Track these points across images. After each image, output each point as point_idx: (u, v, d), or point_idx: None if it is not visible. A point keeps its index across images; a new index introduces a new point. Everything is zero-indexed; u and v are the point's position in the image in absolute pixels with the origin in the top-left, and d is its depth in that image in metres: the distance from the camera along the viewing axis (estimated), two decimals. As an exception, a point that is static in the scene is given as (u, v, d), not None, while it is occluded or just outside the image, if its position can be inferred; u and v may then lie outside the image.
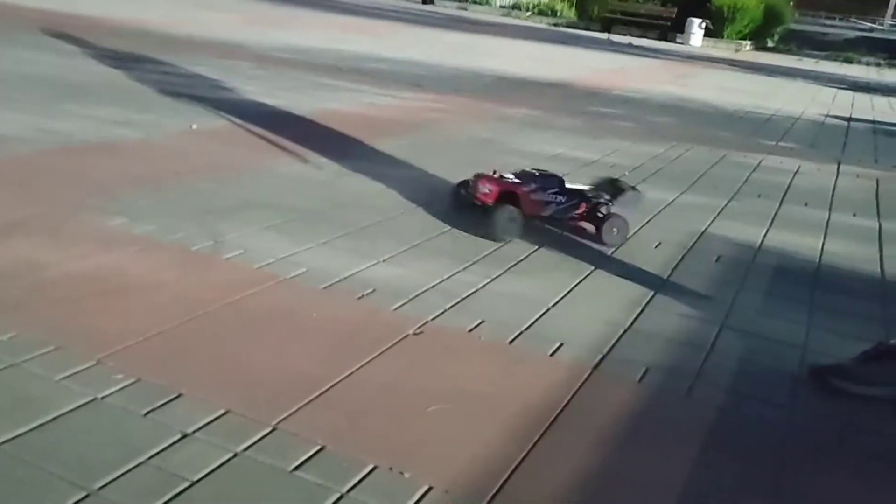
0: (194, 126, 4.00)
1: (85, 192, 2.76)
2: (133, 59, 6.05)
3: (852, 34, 32.90)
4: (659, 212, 3.53)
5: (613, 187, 3.16)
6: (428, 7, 22.79)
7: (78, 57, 5.69)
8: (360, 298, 2.20)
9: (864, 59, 20.07)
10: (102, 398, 1.55)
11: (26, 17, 7.81)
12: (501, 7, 23.99)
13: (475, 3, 24.36)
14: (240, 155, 3.58)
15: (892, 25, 44.65)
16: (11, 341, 1.69)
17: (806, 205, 4.03)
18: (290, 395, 1.65)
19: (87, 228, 2.44)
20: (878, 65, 19.27)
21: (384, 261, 2.51)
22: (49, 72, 4.93)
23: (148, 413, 1.52)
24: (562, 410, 1.73)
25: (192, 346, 1.81)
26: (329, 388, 1.71)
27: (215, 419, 1.53)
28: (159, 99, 4.61)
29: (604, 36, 18.63)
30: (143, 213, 2.63)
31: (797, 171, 4.91)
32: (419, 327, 2.06)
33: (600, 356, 2.02)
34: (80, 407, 1.51)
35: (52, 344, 1.70)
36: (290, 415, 1.58)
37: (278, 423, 1.55)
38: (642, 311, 2.37)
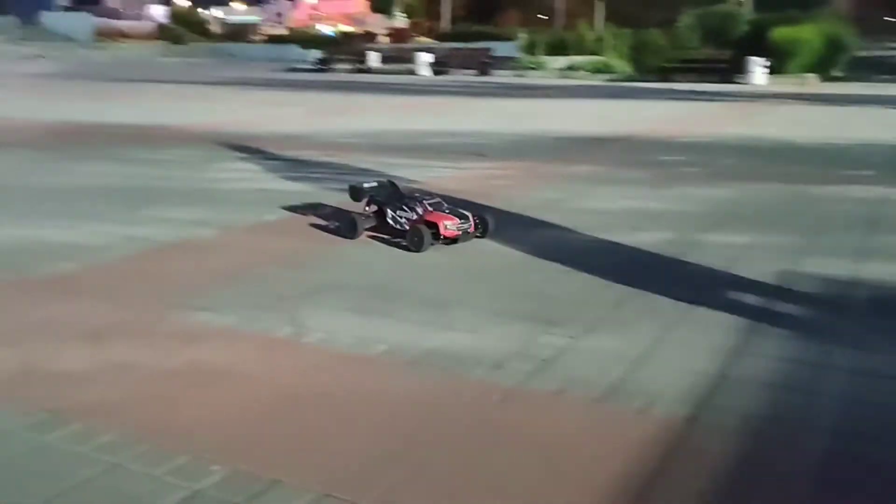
0: (266, 218, 4.13)
1: (170, 292, 2.86)
2: (205, 159, 6.34)
3: (920, 55, 31.95)
4: (739, 256, 3.43)
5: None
6: (484, 78, 23.27)
7: (156, 165, 5.99)
8: (442, 370, 2.19)
9: None
10: (201, 490, 1.57)
11: (108, 133, 8.29)
12: (557, 70, 24.30)
13: (530, 69, 24.77)
14: (311, 242, 3.66)
15: (961, 41, 43.13)
16: (112, 442, 1.74)
17: None
18: (383, 474, 1.64)
19: (175, 326, 2.52)
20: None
21: (464, 330, 2.50)
22: (131, 182, 5.19)
23: (248, 502, 1.53)
24: (660, 471, 1.67)
25: (285, 433, 1.82)
26: (421, 461, 1.69)
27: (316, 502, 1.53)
28: (231, 196, 4.78)
29: (662, 85, 18.60)
30: (224, 305, 2.70)
31: (883, 198, 4.72)
32: (504, 394, 2.03)
33: (694, 408, 1.95)
34: (181, 501, 1.53)
35: (149, 441, 1.74)
36: (385, 491, 1.57)
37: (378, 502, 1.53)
38: (735, 357, 2.29)
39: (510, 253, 3.48)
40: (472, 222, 3.56)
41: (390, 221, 3.65)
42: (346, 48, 37.67)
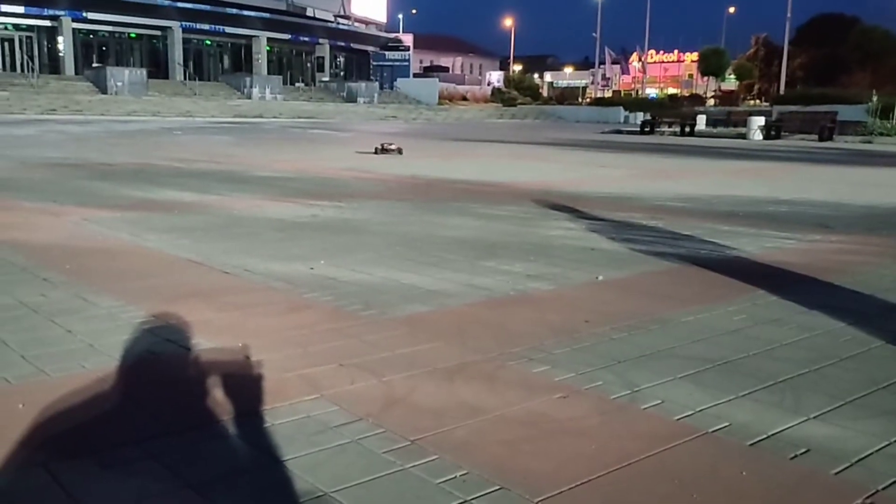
0: (600, 277, 4.18)
1: (509, 341, 3.01)
2: (537, 216, 6.62)
3: None
4: None
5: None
6: (825, 144, 21.55)
7: (493, 219, 6.39)
8: (792, 458, 2.03)
9: None
10: (542, 541, 1.62)
11: (452, 188, 9.06)
12: (914, 135, 21.72)
13: (882, 134, 22.45)
14: (644, 304, 3.64)
15: None
16: (464, 478, 1.87)
17: None
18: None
19: (515, 375, 2.64)
20: None
21: (814, 418, 2.31)
22: (471, 234, 5.59)
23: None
24: None
25: (621, 498, 1.82)
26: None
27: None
28: (563, 252, 4.93)
29: None
30: (561, 360, 2.78)
31: None
32: (869, 497, 1.83)
33: None
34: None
35: (496, 484, 1.84)
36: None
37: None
38: None
39: (866, 339, 3.15)
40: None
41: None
42: (671, 111, 37.30)
